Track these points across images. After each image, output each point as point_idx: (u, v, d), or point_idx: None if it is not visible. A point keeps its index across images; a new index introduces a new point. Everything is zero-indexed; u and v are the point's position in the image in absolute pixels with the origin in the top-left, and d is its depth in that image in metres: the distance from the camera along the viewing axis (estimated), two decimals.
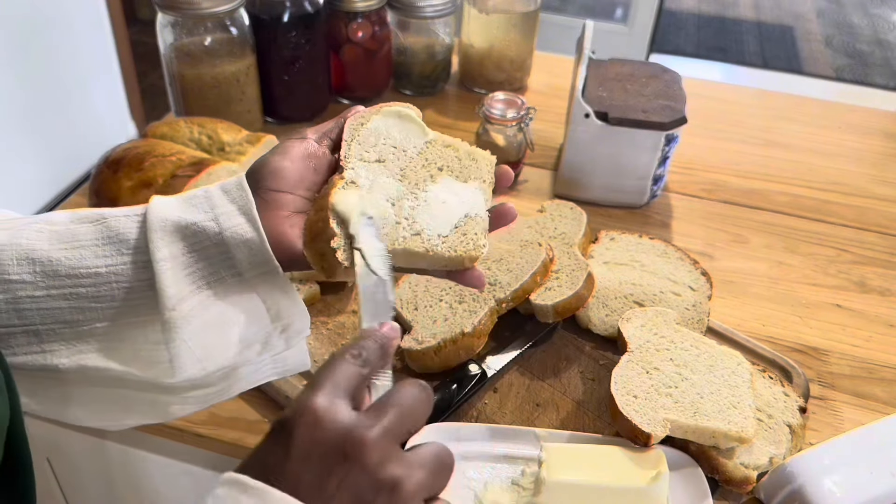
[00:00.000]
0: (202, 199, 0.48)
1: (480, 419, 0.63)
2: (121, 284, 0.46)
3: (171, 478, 0.72)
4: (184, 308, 0.45)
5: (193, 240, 0.46)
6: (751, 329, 0.75)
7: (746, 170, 1.00)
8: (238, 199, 0.48)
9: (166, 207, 0.47)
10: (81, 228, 0.47)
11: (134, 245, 0.46)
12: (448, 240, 0.53)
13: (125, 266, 0.46)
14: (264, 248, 0.47)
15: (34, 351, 0.45)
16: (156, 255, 0.45)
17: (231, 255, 0.47)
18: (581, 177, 0.90)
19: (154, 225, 0.46)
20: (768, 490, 0.57)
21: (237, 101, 0.95)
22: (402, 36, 1.07)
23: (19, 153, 0.93)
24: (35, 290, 0.45)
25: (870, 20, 3.56)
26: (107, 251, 0.46)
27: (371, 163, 0.55)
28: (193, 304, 0.46)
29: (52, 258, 0.45)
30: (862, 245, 0.88)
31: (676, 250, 0.78)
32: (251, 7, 0.94)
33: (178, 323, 0.45)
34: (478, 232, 0.53)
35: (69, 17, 0.97)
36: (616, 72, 0.93)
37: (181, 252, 0.46)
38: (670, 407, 0.59)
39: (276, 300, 0.49)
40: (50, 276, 0.45)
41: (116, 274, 0.46)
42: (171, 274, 0.45)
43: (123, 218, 0.47)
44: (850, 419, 0.67)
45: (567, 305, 0.67)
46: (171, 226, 0.46)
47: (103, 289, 0.46)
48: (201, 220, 0.47)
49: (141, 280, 0.46)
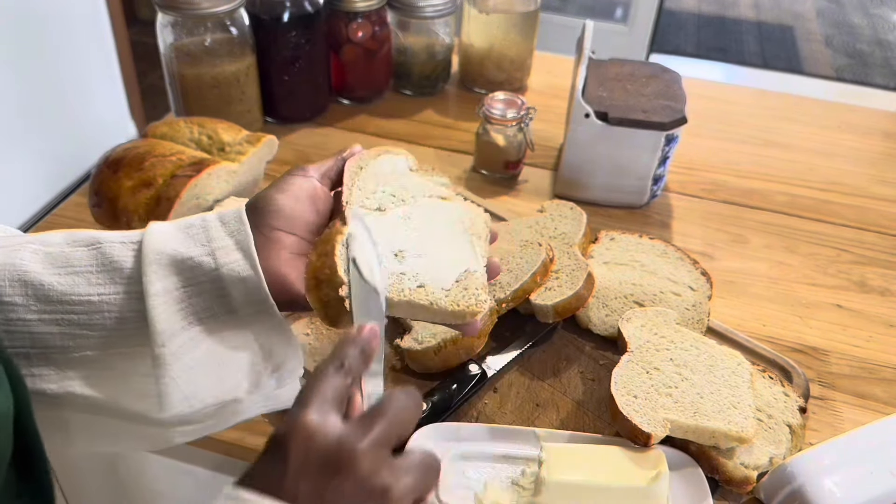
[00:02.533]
0: (199, 230, 0.47)
1: (480, 419, 0.63)
2: (112, 314, 0.45)
3: (171, 478, 0.72)
4: (174, 344, 0.45)
5: (189, 274, 0.46)
6: (751, 329, 0.75)
7: (746, 170, 1.00)
8: (236, 232, 0.47)
9: (162, 238, 0.46)
10: (76, 253, 0.46)
11: (128, 274, 0.46)
12: (451, 293, 0.53)
13: (118, 296, 0.45)
14: (261, 286, 0.46)
15: (24, 374, 0.43)
16: (149, 288, 0.44)
17: (226, 293, 0.46)
18: (581, 177, 0.90)
19: (149, 257, 0.45)
20: (768, 490, 0.57)
21: (237, 102, 0.95)
22: (403, 36, 1.07)
23: (19, 153, 0.93)
24: (26, 314, 0.45)
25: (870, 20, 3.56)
26: (100, 279, 0.45)
27: (372, 210, 0.56)
28: (184, 341, 0.45)
29: (44, 282, 0.45)
30: (862, 245, 0.88)
31: (676, 250, 0.78)
32: (251, 7, 0.94)
33: (167, 359, 0.45)
34: (478, 287, 0.53)
35: (69, 18, 0.97)
36: (616, 72, 0.93)
37: (175, 286, 0.46)
38: (670, 407, 0.59)
39: (270, 339, 0.49)
40: (42, 301, 0.45)
41: (109, 303, 0.45)
42: (164, 309, 0.45)
43: (119, 245, 0.46)
44: (850, 419, 0.67)
45: (567, 305, 0.67)
46: (167, 259, 0.45)
47: (95, 317, 0.45)
48: (197, 254, 0.46)
49: (133, 311, 0.45)
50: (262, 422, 0.63)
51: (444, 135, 1.04)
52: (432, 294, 0.52)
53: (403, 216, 0.57)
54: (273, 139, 0.84)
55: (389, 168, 0.60)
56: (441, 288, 0.53)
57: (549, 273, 0.70)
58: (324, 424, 0.39)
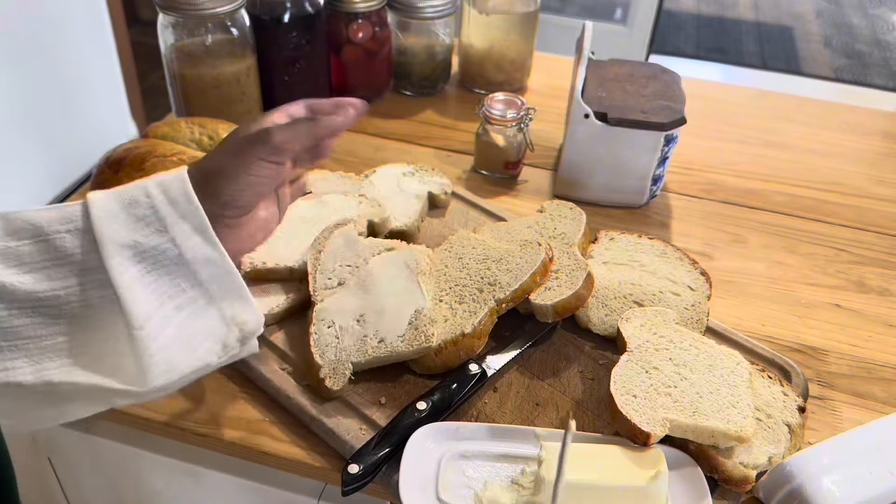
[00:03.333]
0: (148, 211, 0.47)
1: (480, 419, 0.63)
2: (79, 303, 0.46)
3: (171, 478, 0.72)
4: (149, 326, 0.46)
5: (153, 261, 0.47)
6: (750, 329, 0.75)
7: (745, 170, 1.00)
8: (189, 214, 0.48)
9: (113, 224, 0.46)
10: (24, 249, 0.46)
11: (85, 264, 0.46)
12: (405, 337, 0.64)
13: (81, 287, 0.46)
14: (225, 262, 0.49)
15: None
16: (117, 280, 0.46)
17: (193, 272, 0.48)
18: (581, 177, 0.90)
19: (108, 249, 0.46)
20: (767, 489, 0.58)
21: (238, 102, 0.95)
22: (403, 36, 1.07)
23: (20, 153, 0.93)
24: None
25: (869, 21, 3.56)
26: (60, 273, 0.46)
27: (334, 288, 0.69)
28: (158, 320, 0.47)
29: (4, 282, 0.45)
30: (861, 245, 0.89)
31: (675, 250, 0.78)
32: (252, 8, 0.94)
33: (145, 341, 0.46)
34: (427, 324, 0.65)
35: (70, 18, 0.97)
36: (615, 72, 0.93)
37: (141, 273, 0.47)
38: (669, 406, 0.59)
39: (233, 304, 0.51)
40: (7, 300, 0.45)
41: (75, 294, 0.46)
42: (134, 296, 0.46)
43: (67, 235, 0.46)
44: (849, 419, 0.67)
45: (567, 305, 0.67)
46: (128, 251, 0.46)
47: (64, 308, 0.46)
48: (157, 243, 0.47)
49: (99, 297, 0.46)
50: (263, 421, 0.63)
51: (443, 135, 1.04)
52: (391, 344, 0.64)
53: (359, 283, 0.69)
54: None
55: (342, 241, 0.73)
56: (397, 336, 0.64)
57: (548, 273, 0.70)
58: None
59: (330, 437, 0.61)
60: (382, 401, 0.64)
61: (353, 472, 0.56)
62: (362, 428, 0.61)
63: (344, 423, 0.61)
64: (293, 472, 0.63)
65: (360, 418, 0.62)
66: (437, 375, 0.65)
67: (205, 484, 0.71)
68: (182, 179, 0.49)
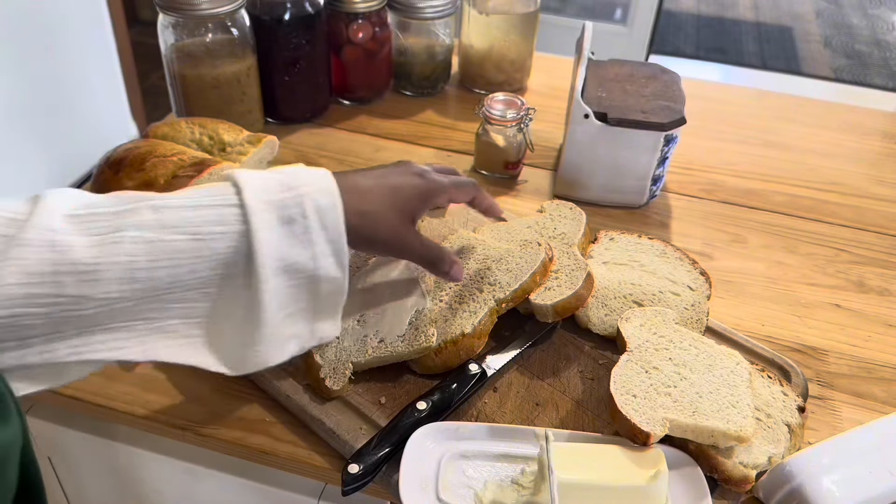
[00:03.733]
0: (301, 230, 0.52)
1: (480, 418, 0.63)
2: (210, 296, 0.51)
3: (172, 477, 0.72)
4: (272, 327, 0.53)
5: (294, 277, 0.53)
6: (749, 329, 0.75)
7: (745, 170, 1.01)
8: (334, 241, 0.53)
9: (270, 238, 0.50)
10: (178, 244, 0.48)
11: (231, 270, 0.50)
12: (405, 337, 0.65)
13: (219, 286, 0.51)
14: (344, 285, 0.55)
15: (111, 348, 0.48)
16: (262, 288, 0.51)
17: (317, 291, 0.54)
18: (580, 177, 0.90)
19: (263, 262, 0.50)
20: (767, 489, 0.58)
21: (238, 102, 0.96)
22: (403, 37, 1.07)
23: (21, 153, 0.93)
24: (128, 303, 0.47)
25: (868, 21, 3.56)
26: (206, 275, 0.50)
27: None
28: (277, 323, 0.53)
29: (154, 277, 0.47)
30: (860, 245, 0.89)
31: (675, 250, 0.78)
32: (252, 8, 0.94)
33: (263, 340, 0.52)
34: (427, 324, 0.65)
35: (70, 18, 0.97)
36: (615, 72, 0.93)
37: (282, 285, 0.52)
38: (669, 406, 0.59)
39: (325, 322, 0.57)
40: (149, 294, 0.48)
41: (210, 287, 0.50)
42: (273, 303, 0.52)
43: (221, 238, 0.49)
44: (848, 418, 0.67)
45: (566, 305, 0.67)
46: (278, 263, 0.51)
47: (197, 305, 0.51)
48: (302, 260, 0.52)
49: (231, 295, 0.51)
50: (263, 421, 0.64)
51: (443, 135, 1.04)
52: (391, 344, 0.64)
53: (360, 283, 0.70)
54: (274, 139, 0.84)
55: None
56: (397, 336, 0.65)
57: (548, 273, 0.71)
58: None
59: (330, 437, 0.61)
60: (382, 401, 0.64)
61: (352, 471, 0.56)
62: (362, 428, 0.61)
63: (344, 423, 0.61)
64: (293, 472, 0.63)
65: (360, 418, 0.62)
66: (437, 375, 0.65)
67: (205, 484, 0.71)
68: (332, 192, 0.53)
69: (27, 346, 0.45)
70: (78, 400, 0.65)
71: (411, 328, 0.65)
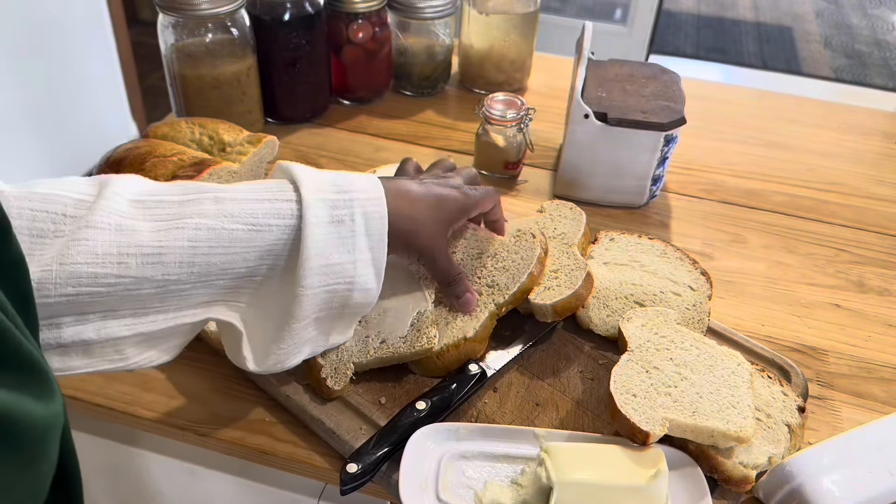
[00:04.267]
0: (349, 235, 0.54)
1: (480, 419, 0.63)
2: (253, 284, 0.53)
3: (171, 478, 0.72)
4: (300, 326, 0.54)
5: (332, 276, 0.54)
6: (749, 329, 0.75)
7: (745, 170, 1.00)
8: (376, 248, 0.55)
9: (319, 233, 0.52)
10: (237, 234, 0.50)
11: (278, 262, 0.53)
12: (407, 339, 0.65)
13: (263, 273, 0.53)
14: (374, 300, 0.57)
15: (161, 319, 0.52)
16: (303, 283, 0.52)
17: (347, 300, 0.56)
18: (580, 177, 0.90)
19: (310, 258, 0.52)
20: (767, 489, 0.58)
21: (238, 102, 0.96)
22: (403, 37, 1.07)
23: (22, 153, 0.93)
24: (184, 285, 0.50)
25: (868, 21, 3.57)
26: (255, 264, 0.52)
27: None
28: (305, 324, 0.55)
29: (210, 262, 0.50)
30: (860, 245, 0.89)
31: (676, 250, 0.78)
32: (252, 8, 0.94)
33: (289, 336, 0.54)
34: (428, 325, 0.65)
35: (71, 19, 0.97)
36: (615, 72, 0.93)
37: (320, 287, 0.53)
38: (669, 406, 0.59)
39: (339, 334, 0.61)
40: (203, 277, 0.51)
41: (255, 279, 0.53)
42: (309, 301, 0.53)
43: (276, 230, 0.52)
44: (848, 419, 0.67)
45: (566, 305, 0.67)
46: (322, 261, 0.53)
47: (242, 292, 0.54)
48: (344, 262, 0.54)
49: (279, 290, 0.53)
50: (263, 421, 0.64)
51: (443, 135, 1.04)
52: (392, 345, 0.64)
53: None
54: (274, 139, 0.84)
55: None
56: (399, 337, 0.65)
57: (545, 268, 0.70)
58: None
59: (330, 437, 0.61)
60: (382, 401, 0.64)
61: (351, 471, 0.56)
62: (362, 428, 0.61)
63: (344, 423, 0.61)
64: (293, 472, 0.63)
65: (360, 418, 0.62)
66: (438, 376, 0.65)
67: (205, 484, 0.71)
68: (380, 197, 0.55)
69: (85, 322, 0.48)
70: (78, 400, 0.65)
71: (413, 330, 0.65)
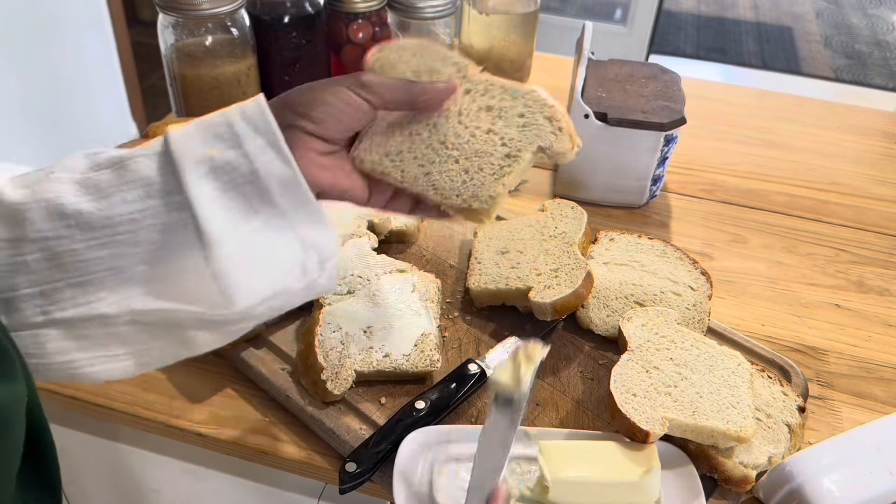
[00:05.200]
0: (224, 129, 0.47)
1: (480, 419, 0.63)
2: (157, 227, 0.46)
3: (171, 477, 0.72)
4: (226, 248, 0.46)
5: (227, 178, 0.47)
6: (749, 329, 0.75)
7: (745, 170, 1.00)
8: (264, 131, 0.48)
9: (190, 143, 0.46)
10: (103, 176, 0.46)
11: (161, 186, 0.46)
12: (410, 357, 0.65)
13: (158, 210, 0.46)
14: (298, 180, 0.48)
15: (81, 303, 0.45)
16: (192, 197, 0.45)
17: (266, 190, 0.47)
18: (580, 177, 0.90)
19: (185, 166, 0.46)
20: (767, 489, 0.58)
21: (238, 102, 0.95)
22: (403, 36, 1.07)
23: (21, 153, 0.93)
24: (73, 244, 0.45)
25: (868, 21, 3.57)
26: (135, 195, 0.46)
27: (344, 295, 0.69)
28: (235, 241, 0.47)
29: (82, 210, 0.45)
30: (860, 245, 0.89)
31: (676, 250, 0.78)
32: (252, 8, 0.94)
33: (223, 261, 0.46)
34: (432, 348, 0.65)
35: (71, 19, 0.97)
36: (615, 72, 0.93)
37: (216, 190, 0.46)
38: (669, 406, 0.59)
39: (309, 229, 0.50)
40: (85, 229, 0.45)
41: (151, 217, 0.46)
42: (211, 214, 0.46)
43: (143, 160, 0.46)
44: (848, 419, 0.67)
45: (566, 304, 0.67)
46: (204, 167, 0.46)
47: (141, 234, 0.46)
48: (232, 157, 0.47)
49: (176, 221, 0.46)
50: (263, 421, 0.64)
51: None
52: (395, 361, 0.64)
53: (369, 295, 0.69)
54: None
55: (355, 252, 0.73)
56: (402, 354, 0.65)
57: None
58: None
59: (330, 437, 0.61)
60: (382, 401, 0.64)
61: (350, 470, 0.56)
62: (362, 428, 0.61)
63: (344, 423, 0.61)
64: (293, 472, 0.63)
65: (360, 418, 0.62)
66: (438, 374, 0.65)
67: (205, 484, 0.71)
68: (258, 100, 0.49)
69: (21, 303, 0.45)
70: (78, 400, 0.65)
71: (416, 350, 0.65)
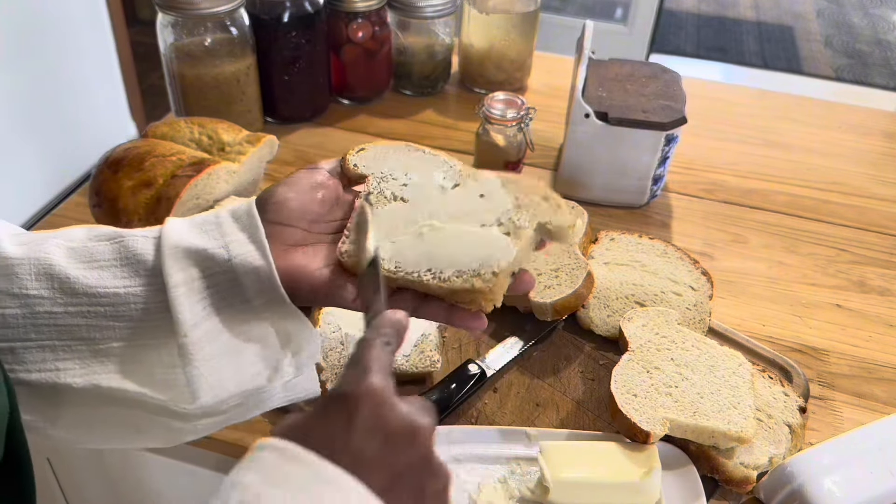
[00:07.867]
0: (213, 226, 0.48)
1: (480, 419, 0.63)
2: (138, 305, 0.46)
3: (171, 478, 0.72)
4: (196, 334, 0.46)
5: (204, 266, 0.47)
6: (750, 329, 0.75)
7: (746, 170, 1.00)
8: (248, 226, 0.48)
9: (179, 231, 0.47)
10: (99, 247, 0.47)
11: (150, 267, 0.47)
12: (410, 358, 0.65)
13: (142, 288, 0.46)
14: (272, 275, 0.47)
15: (48, 368, 0.45)
16: (169, 280, 0.45)
17: (239, 283, 0.47)
18: (581, 177, 0.90)
19: (168, 250, 0.46)
20: (768, 490, 0.58)
21: (237, 102, 0.95)
22: (403, 36, 1.07)
23: (20, 153, 0.93)
24: (53, 306, 0.45)
25: (869, 20, 3.56)
26: (125, 272, 0.46)
27: None
28: (206, 330, 0.46)
29: (69, 275, 0.45)
30: (861, 245, 0.88)
31: (676, 250, 0.78)
32: (251, 7, 0.94)
33: (191, 349, 0.45)
34: (432, 348, 0.65)
35: (69, 18, 0.97)
36: (616, 72, 0.93)
37: (193, 278, 0.46)
38: (670, 406, 0.59)
39: (286, 326, 0.49)
40: (68, 294, 0.45)
41: (134, 295, 0.46)
42: (185, 300, 0.46)
43: (141, 239, 0.47)
44: (849, 419, 0.67)
45: (566, 304, 0.67)
46: (183, 251, 0.47)
47: (121, 309, 0.46)
48: (212, 246, 0.47)
49: (157, 302, 0.46)
50: (263, 421, 0.63)
51: (444, 135, 1.04)
52: (395, 361, 0.63)
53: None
54: (273, 139, 0.84)
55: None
56: (402, 354, 0.65)
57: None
58: (391, 395, 0.39)
59: None
60: None
61: None
62: None
63: None
64: None
65: None
66: (439, 373, 0.65)
67: (205, 484, 0.71)
68: (249, 201, 0.50)
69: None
70: None
71: (416, 351, 0.65)
